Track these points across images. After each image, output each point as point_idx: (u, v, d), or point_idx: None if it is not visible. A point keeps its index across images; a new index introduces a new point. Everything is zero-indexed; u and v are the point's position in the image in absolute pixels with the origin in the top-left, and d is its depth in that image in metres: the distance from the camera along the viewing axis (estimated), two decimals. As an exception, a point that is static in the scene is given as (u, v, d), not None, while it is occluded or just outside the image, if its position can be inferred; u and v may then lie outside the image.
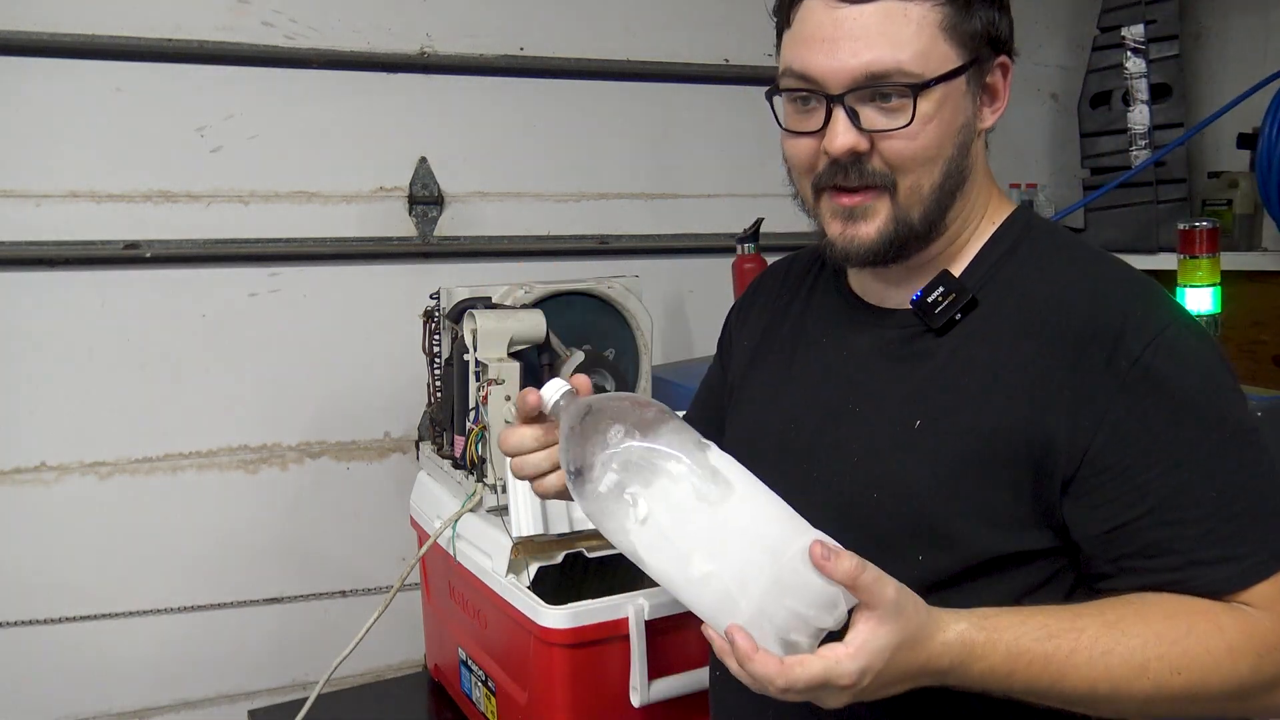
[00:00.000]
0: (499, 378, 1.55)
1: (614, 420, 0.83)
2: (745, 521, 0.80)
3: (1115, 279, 0.92)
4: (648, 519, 0.81)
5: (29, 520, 1.93)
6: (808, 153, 0.93)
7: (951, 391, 0.92)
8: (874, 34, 0.87)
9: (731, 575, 0.78)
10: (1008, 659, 0.81)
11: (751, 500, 0.82)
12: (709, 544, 0.79)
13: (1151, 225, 2.47)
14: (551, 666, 1.38)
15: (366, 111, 2.11)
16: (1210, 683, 0.83)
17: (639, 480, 0.81)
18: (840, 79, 0.88)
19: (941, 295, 0.95)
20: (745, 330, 1.17)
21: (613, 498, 0.82)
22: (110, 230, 1.94)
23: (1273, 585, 0.85)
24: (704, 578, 0.79)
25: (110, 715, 2.01)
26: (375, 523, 2.16)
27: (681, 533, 0.80)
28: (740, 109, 2.38)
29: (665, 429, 0.83)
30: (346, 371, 2.14)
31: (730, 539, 0.79)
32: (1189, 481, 0.85)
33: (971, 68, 0.91)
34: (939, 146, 0.91)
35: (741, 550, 0.79)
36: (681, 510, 0.80)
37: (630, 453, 0.82)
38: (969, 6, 0.89)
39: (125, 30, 1.92)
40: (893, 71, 0.87)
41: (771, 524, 0.80)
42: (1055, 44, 2.79)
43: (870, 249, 0.93)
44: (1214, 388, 0.88)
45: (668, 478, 0.81)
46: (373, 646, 1.78)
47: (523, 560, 1.46)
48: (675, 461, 0.81)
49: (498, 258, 2.24)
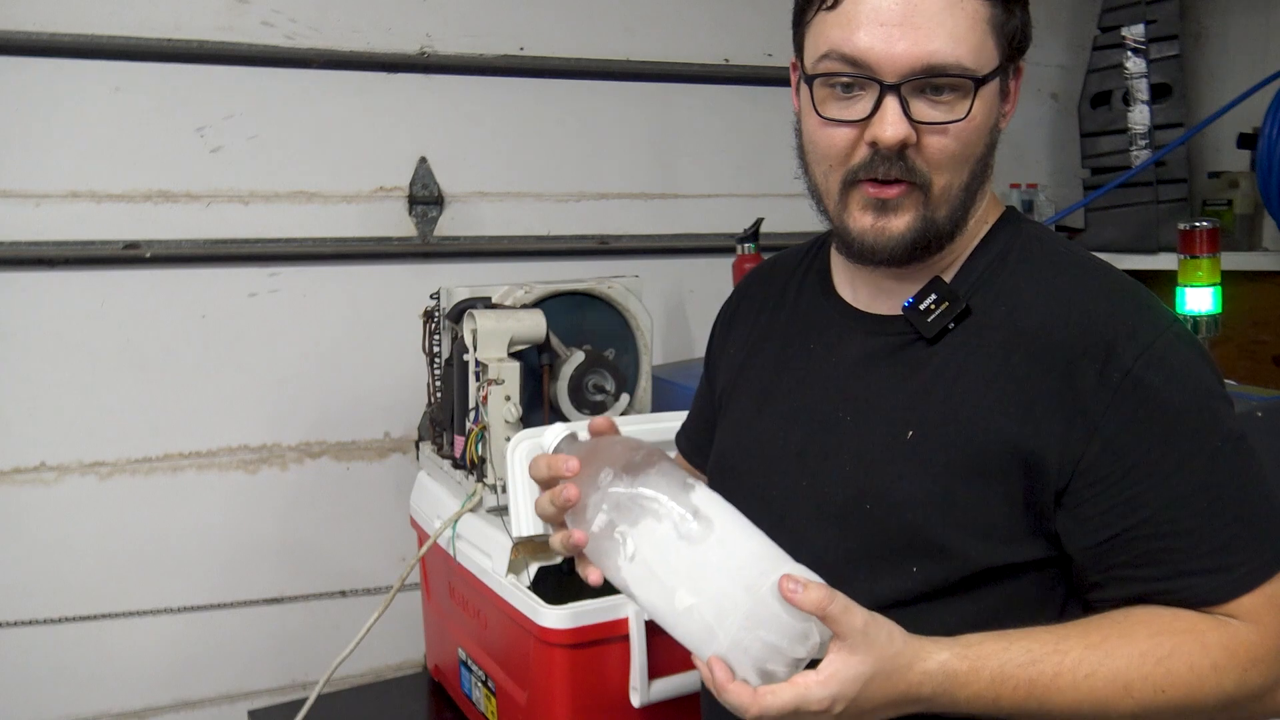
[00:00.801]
0: (499, 378, 1.55)
1: (604, 464, 0.89)
2: (723, 558, 0.85)
3: (1106, 288, 0.91)
4: (635, 556, 0.87)
5: (29, 520, 1.93)
6: (845, 142, 0.90)
7: (944, 401, 0.91)
8: (935, 24, 0.84)
9: (710, 609, 0.83)
10: (992, 685, 0.83)
11: (730, 537, 0.86)
12: (690, 579, 0.84)
13: (1151, 225, 2.46)
14: (551, 666, 1.38)
15: (366, 111, 2.11)
16: (1196, 699, 0.83)
17: (626, 520, 0.87)
18: (898, 66, 0.85)
19: (934, 303, 0.94)
20: (732, 338, 1.15)
21: (605, 536, 0.88)
22: (110, 230, 1.95)
23: (1259, 597, 0.85)
24: (687, 611, 0.84)
25: (110, 715, 2.01)
26: (375, 523, 2.16)
27: (666, 569, 0.85)
28: (740, 109, 2.38)
29: (652, 471, 0.88)
30: (346, 371, 2.14)
31: (709, 574, 0.84)
32: (1180, 494, 0.85)
33: (1005, 68, 0.90)
34: (976, 145, 0.90)
35: (719, 585, 0.83)
36: (665, 547, 0.86)
37: (618, 495, 0.88)
38: (1010, 7, 0.89)
39: (125, 30, 1.92)
40: (953, 65, 0.85)
41: (747, 560, 0.85)
42: (1055, 44, 2.79)
43: (900, 243, 0.91)
44: (1204, 399, 0.87)
45: (652, 517, 0.86)
46: (373, 646, 1.78)
47: (523, 560, 1.46)
48: (658, 502, 0.86)
49: (498, 258, 2.24)
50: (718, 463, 1.10)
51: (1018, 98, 0.95)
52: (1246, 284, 2.25)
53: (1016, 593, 0.90)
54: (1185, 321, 1.86)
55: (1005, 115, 0.94)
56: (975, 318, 0.93)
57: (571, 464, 0.90)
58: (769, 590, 0.82)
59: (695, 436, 1.22)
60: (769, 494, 1.00)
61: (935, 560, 0.90)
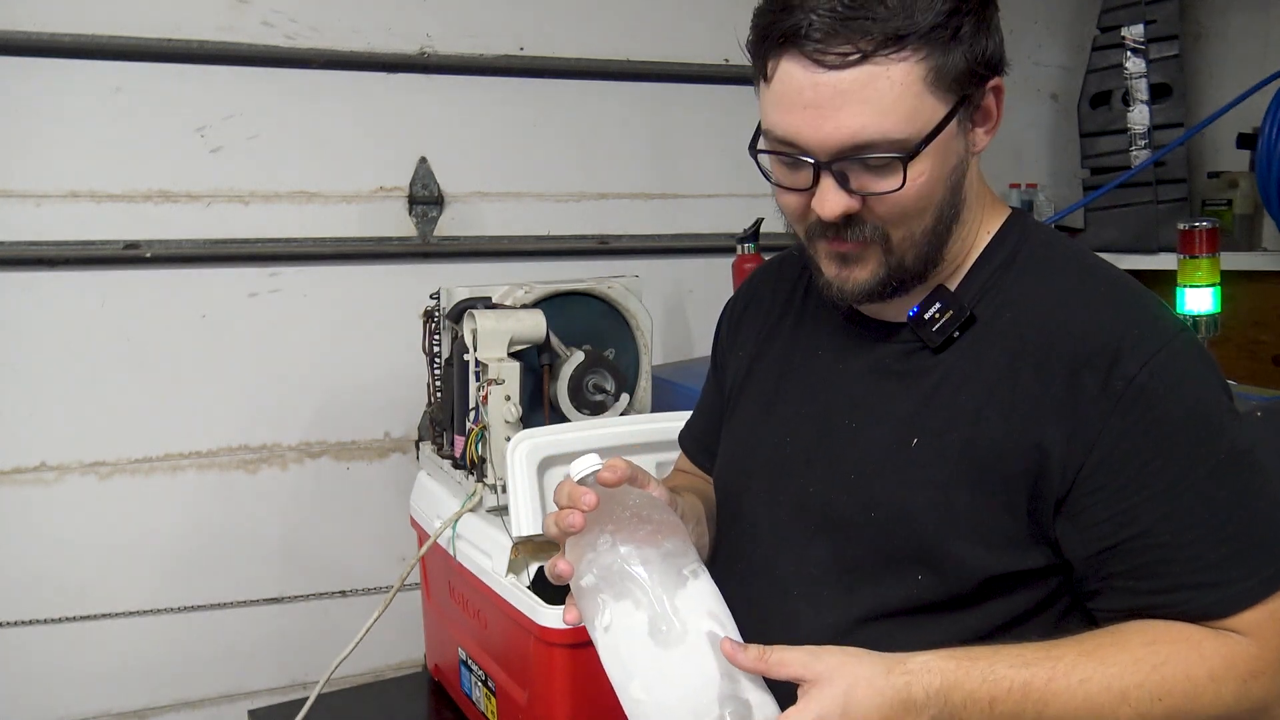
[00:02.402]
0: (499, 378, 1.55)
1: (607, 526, 0.87)
2: (683, 674, 0.84)
3: (1112, 295, 0.91)
4: (610, 628, 0.86)
5: (29, 520, 1.93)
6: (799, 206, 0.91)
7: (948, 409, 0.91)
8: (857, 101, 0.82)
9: (657, 714, 0.84)
10: (985, 684, 0.81)
11: (696, 654, 0.85)
12: (647, 677, 0.84)
13: (1151, 225, 2.46)
14: (551, 666, 1.38)
15: (366, 111, 2.11)
16: (1194, 709, 0.82)
17: (610, 591, 0.86)
18: (827, 148, 0.85)
19: (939, 312, 0.94)
20: (739, 340, 1.15)
21: (588, 595, 0.88)
22: (110, 230, 1.94)
23: (1260, 612, 0.84)
24: (636, 704, 0.85)
25: (110, 715, 2.01)
26: (375, 523, 2.16)
27: (630, 655, 0.85)
28: (740, 109, 2.37)
29: (652, 552, 0.86)
30: (346, 371, 2.14)
31: (666, 682, 0.84)
32: (1181, 506, 0.84)
33: (961, 107, 0.87)
34: (930, 197, 0.88)
35: (670, 698, 0.84)
36: (634, 636, 0.85)
37: (610, 564, 0.86)
38: (948, 50, 0.84)
39: (125, 30, 1.92)
40: (879, 141, 0.83)
41: (702, 686, 0.84)
42: (1055, 44, 2.79)
43: (865, 290, 0.92)
44: (1209, 411, 0.87)
45: (632, 601, 0.85)
46: (373, 646, 1.78)
47: (523, 560, 1.46)
48: (644, 590, 0.85)
49: (498, 258, 2.24)
50: (723, 467, 1.10)
51: (1001, 113, 0.92)
52: (1246, 284, 2.25)
53: (1021, 603, 0.90)
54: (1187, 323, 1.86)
55: (988, 133, 0.92)
56: (980, 325, 0.93)
57: (589, 499, 0.88)
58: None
59: (703, 438, 1.21)
60: (775, 500, 1.00)
61: (939, 568, 0.89)
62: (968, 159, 0.91)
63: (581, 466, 0.92)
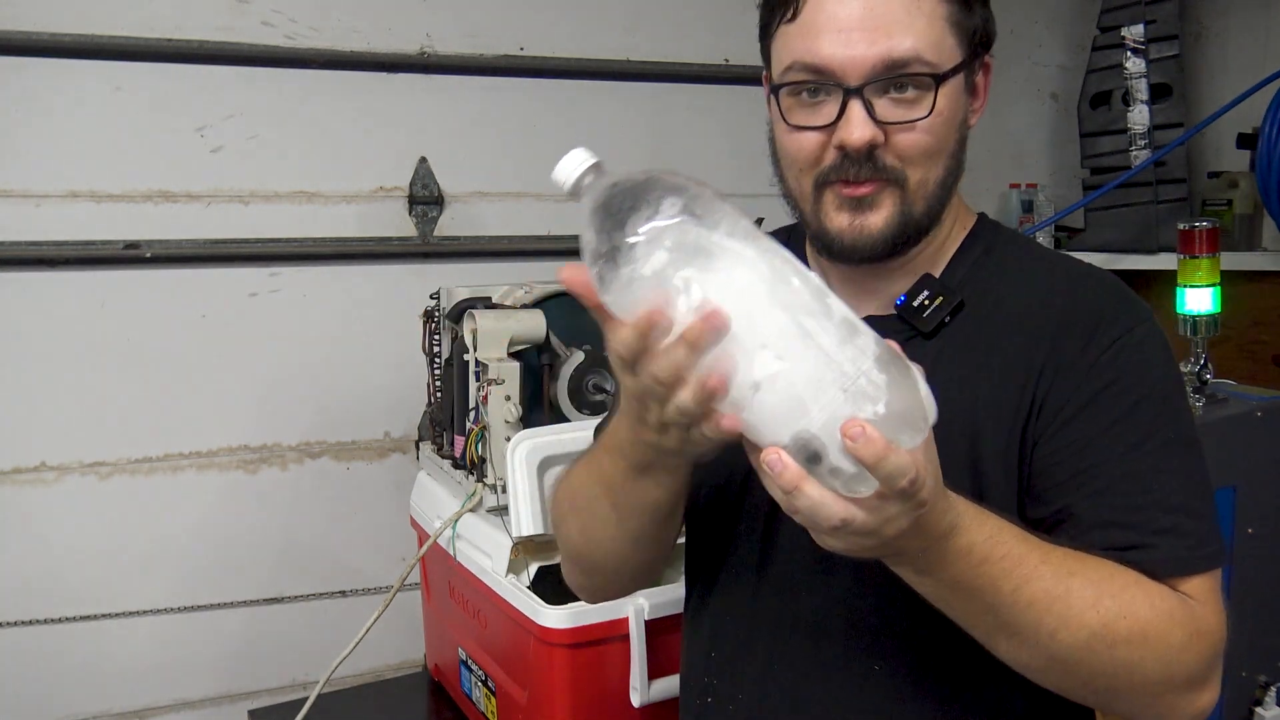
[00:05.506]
0: (499, 378, 1.55)
1: (668, 192, 0.70)
2: (827, 318, 0.68)
3: (1089, 274, 0.96)
4: (702, 309, 0.68)
5: (29, 520, 1.93)
6: (813, 147, 0.91)
7: (942, 396, 0.91)
8: (893, 23, 0.86)
9: (803, 375, 0.67)
10: (987, 542, 0.78)
11: (827, 297, 0.70)
12: (781, 340, 0.68)
13: (1151, 225, 2.46)
14: (551, 666, 1.38)
15: (366, 111, 2.11)
16: (1146, 638, 0.81)
17: (695, 264, 0.68)
18: (859, 69, 0.87)
19: (928, 298, 0.95)
20: None
21: (656, 282, 0.69)
22: (110, 230, 1.94)
23: (1204, 582, 0.86)
24: (770, 379, 0.68)
25: (110, 715, 2.01)
26: (375, 523, 2.16)
27: (749, 329, 0.68)
28: (740, 109, 2.38)
29: (727, 210, 0.70)
30: (346, 371, 2.14)
31: (805, 336, 0.68)
32: (1141, 467, 0.87)
33: (969, 64, 0.92)
34: (948, 139, 0.91)
35: (818, 349, 0.67)
36: (752, 300, 0.68)
37: (686, 229, 0.69)
38: (969, 4, 0.90)
39: (125, 30, 1.92)
40: (913, 60, 0.87)
41: (835, 348, 0.68)
42: (1055, 44, 2.79)
43: (879, 239, 0.92)
44: (1174, 391, 0.92)
45: (737, 261, 0.68)
46: (373, 646, 1.78)
47: (523, 560, 1.46)
48: (746, 245, 0.69)
49: (498, 258, 2.24)
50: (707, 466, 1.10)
51: (988, 94, 0.97)
52: (1246, 284, 2.25)
53: None
54: (1185, 321, 1.86)
55: (975, 111, 0.96)
56: (967, 311, 0.95)
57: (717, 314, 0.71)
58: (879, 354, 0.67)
59: None
60: (762, 496, 1.00)
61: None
62: (967, 125, 0.95)
63: (573, 164, 0.78)
